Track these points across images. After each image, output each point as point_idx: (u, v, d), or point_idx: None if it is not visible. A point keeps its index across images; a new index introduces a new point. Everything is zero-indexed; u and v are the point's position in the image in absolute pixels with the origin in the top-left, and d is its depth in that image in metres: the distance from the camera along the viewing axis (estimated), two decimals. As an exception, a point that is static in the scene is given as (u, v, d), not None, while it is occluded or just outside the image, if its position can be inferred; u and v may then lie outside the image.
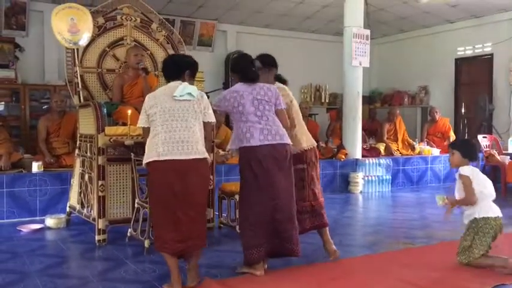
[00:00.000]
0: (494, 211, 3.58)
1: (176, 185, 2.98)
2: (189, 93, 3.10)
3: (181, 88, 3.10)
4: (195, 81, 3.36)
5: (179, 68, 3.26)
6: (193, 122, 3.08)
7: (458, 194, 3.66)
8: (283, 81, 3.89)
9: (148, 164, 3.04)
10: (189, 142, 3.02)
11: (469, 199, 3.54)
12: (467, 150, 3.68)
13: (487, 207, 3.57)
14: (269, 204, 3.31)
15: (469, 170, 3.60)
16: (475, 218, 3.56)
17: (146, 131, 3.18)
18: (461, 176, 3.59)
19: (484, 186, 3.59)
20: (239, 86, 3.46)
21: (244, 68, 3.49)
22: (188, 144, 3.01)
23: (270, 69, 3.76)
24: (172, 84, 3.18)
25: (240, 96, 3.40)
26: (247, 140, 3.35)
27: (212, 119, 3.23)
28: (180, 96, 3.08)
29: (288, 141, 3.42)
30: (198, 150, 3.04)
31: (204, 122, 3.18)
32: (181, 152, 2.98)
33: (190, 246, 3.06)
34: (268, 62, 3.77)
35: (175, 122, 3.03)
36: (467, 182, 3.55)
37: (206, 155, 3.10)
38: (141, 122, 3.19)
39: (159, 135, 3.02)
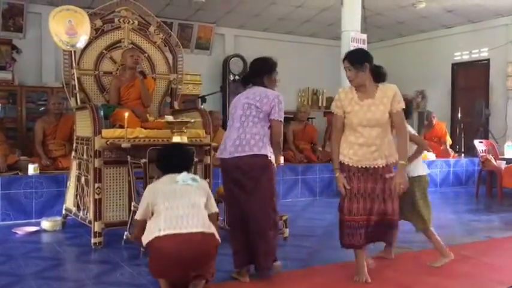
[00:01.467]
0: (426, 169, 3.79)
1: (179, 263, 2.73)
2: (193, 179, 2.95)
3: (184, 174, 2.96)
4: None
5: (188, 162, 3.14)
6: (197, 199, 2.89)
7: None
8: (382, 75, 3.36)
9: (149, 243, 2.78)
10: (194, 216, 2.79)
11: (423, 145, 3.68)
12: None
13: (423, 165, 3.77)
14: (238, 215, 3.36)
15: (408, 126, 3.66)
16: (419, 175, 3.67)
17: (139, 223, 2.99)
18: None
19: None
20: (245, 90, 3.50)
21: (249, 71, 3.54)
22: (194, 218, 2.78)
23: (362, 66, 3.26)
24: (173, 175, 3.02)
25: (238, 99, 3.44)
26: (220, 151, 3.38)
27: (216, 209, 3.07)
28: (183, 182, 2.93)
29: (262, 151, 3.25)
30: (205, 224, 2.80)
31: (209, 214, 2.97)
32: (187, 226, 2.74)
33: (192, 277, 2.84)
34: (356, 59, 3.31)
35: (177, 201, 2.84)
36: (410, 133, 3.60)
37: (213, 230, 2.84)
38: (138, 214, 3.02)
39: (161, 214, 2.80)
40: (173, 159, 3.08)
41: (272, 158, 3.32)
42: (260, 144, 3.28)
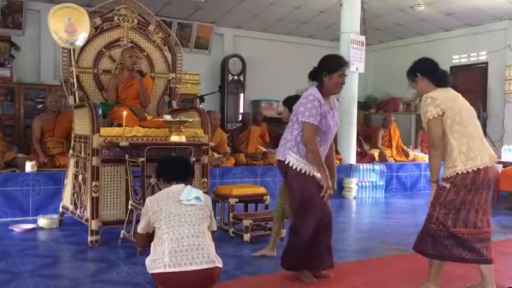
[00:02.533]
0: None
1: None
2: (197, 198, 2.88)
3: (188, 192, 2.88)
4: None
5: (187, 172, 3.08)
6: (202, 227, 2.83)
7: None
8: (441, 78, 3.17)
9: (154, 274, 2.75)
10: (199, 249, 2.73)
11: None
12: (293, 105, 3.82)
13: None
14: None
15: None
16: None
17: (140, 237, 2.98)
18: None
19: None
20: None
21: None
22: (198, 252, 2.72)
23: (415, 76, 3.21)
24: (175, 187, 2.95)
25: None
26: None
27: (215, 227, 3.03)
28: (188, 200, 2.85)
29: (279, 157, 3.33)
30: (210, 259, 2.75)
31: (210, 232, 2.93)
32: (192, 262, 2.69)
33: None
34: (408, 71, 3.26)
35: (182, 228, 2.76)
36: None
37: (218, 263, 2.79)
38: (139, 228, 2.96)
39: (165, 244, 2.73)
40: (174, 168, 3.05)
41: (292, 162, 3.25)
42: (281, 149, 3.32)
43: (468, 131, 3.06)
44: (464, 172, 2.99)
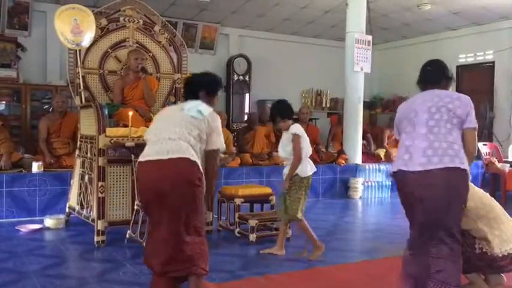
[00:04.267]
0: (312, 168, 3.98)
1: (156, 189, 2.59)
2: (199, 111, 2.73)
3: (194, 104, 2.79)
4: (215, 98, 2.98)
5: (193, 88, 2.93)
6: (188, 130, 2.69)
7: (284, 152, 3.95)
8: None
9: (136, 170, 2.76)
10: (177, 151, 2.62)
11: (299, 158, 3.84)
12: (286, 112, 3.96)
13: (308, 165, 3.94)
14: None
15: (298, 129, 3.87)
16: (300, 177, 3.87)
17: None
18: (294, 135, 3.84)
19: (307, 145, 3.91)
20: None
21: (421, 71, 3.20)
22: (174, 151, 2.62)
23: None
24: (187, 101, 2.89)
25: (412, 102, 3.07)
26: (403, 162, 2.88)
27: (216, 146, 2.79)
28: (188, 110, 2.75)
29: (457, 163, 2.69)
30: (184, 151, 2.61)
31: (206, 151, 2.76)
32: (169, 151, 2.60)
33: (177, 270, 2.61)
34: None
35: (169, 127, 2.72)
36: (297, 140, 3.83)
37: (193, 156, 2.62)
38: (147, 131, 2.96)
39: (148, 144, 2.76)
40: (185, 87, 3.02)
41: (468, 171, 2.77)
42: (458, 156, 2.74)
43: (496, 213, 3.08)
44: (500, 256, 2.96)
